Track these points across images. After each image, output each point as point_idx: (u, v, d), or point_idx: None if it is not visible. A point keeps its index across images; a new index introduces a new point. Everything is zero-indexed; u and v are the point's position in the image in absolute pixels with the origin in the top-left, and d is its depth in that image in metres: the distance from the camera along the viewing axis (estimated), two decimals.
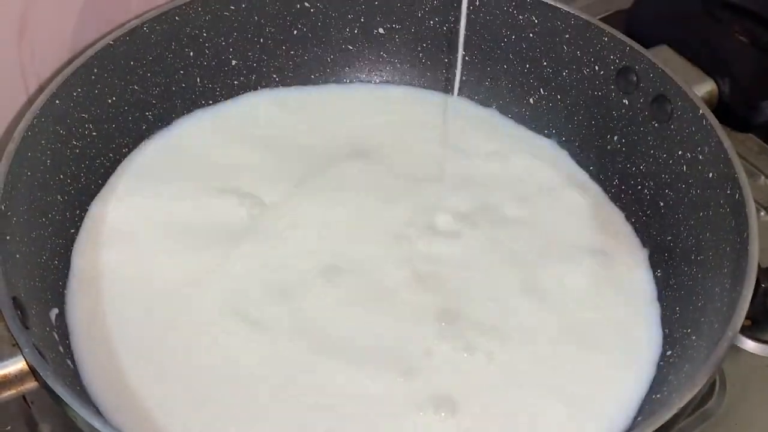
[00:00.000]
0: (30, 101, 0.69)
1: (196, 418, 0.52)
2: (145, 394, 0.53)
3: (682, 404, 0.44)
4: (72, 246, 0.60)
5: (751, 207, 0.53)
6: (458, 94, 0.73)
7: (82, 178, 0.62)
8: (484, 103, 0.74)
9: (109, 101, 0.64)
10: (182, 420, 0.52)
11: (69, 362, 0.53)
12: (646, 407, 0.53)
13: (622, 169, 0.66)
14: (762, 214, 0.73)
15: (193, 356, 0.55)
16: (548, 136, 0.71)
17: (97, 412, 0.51)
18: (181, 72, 0.68)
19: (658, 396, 0.53)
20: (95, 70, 0.62)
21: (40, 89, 0.68)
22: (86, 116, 0.62)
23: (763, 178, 0.76)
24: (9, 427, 0.57)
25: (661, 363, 0.56)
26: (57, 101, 0.59)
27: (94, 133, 0.62)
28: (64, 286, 0.58)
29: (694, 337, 0.54)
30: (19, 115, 0.68)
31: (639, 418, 0.53)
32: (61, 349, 0.53)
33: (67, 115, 0.60)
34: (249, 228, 0.62)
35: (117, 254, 0.60)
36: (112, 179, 0.64)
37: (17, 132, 0.55)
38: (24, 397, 0.58)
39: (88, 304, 0.57)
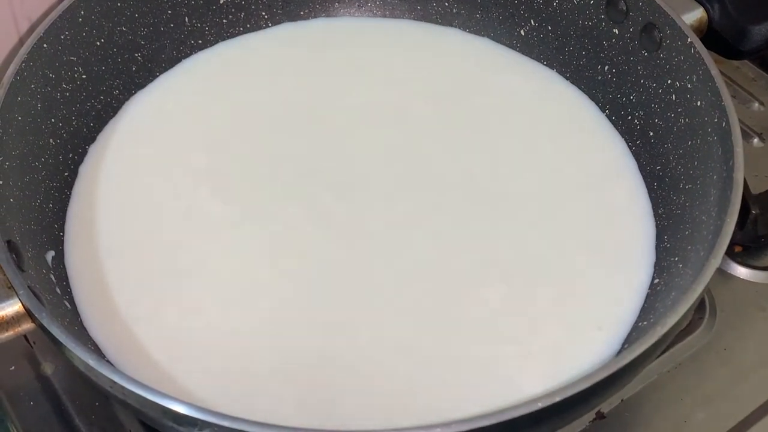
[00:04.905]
0: (22, 42, 0.69)
1: (194, 354, 0.53)
2: (143, 330, 0.54)
3: (664, 331, 0.44)
4: (67, 189, 0.61)
5: (737, 135, 0.52)
6: (450, 26, 0.73)
7: (74, 121, 0.62)
8: (476, 35, 0.73)
9: (98, 43, 0.64)
10: (180, 354, 0.53)
11: (67, 303, 0.54)
12: (633, 334, 0.54)
13: (612, 99, 0.66)
14: (755, 140, 0.73)
15: (191, 293, 0.56)
16: None
17: (97, 350, 0.52)
18: (169, 12, 0.68)
19: (644, 323, 0.54)
20: (82, 12, 0.62)
21: (31, 30, 0.68)
22: (75, 59, 0.62)
23: (756, 104, 0.76)
24: (13, 367, 0.58)
25: (649, 291, 0.56)
26: (45, 45, 0.59)
27: (84, 76, 0.63)
28: (60, 229, 0.58)
29: (681, 266, 0.54)
30: (10, 57, 0.68)
31: (626, 346, 0.54)
32: (58, 290, 0.53)
33: (56, 58, 0.60)
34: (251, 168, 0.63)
35: (114, 196, 0.61)
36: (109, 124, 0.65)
37: (5, 78, 0.55)
38: (27, 338, 0.59)
39: (85, 246, 0.58)
